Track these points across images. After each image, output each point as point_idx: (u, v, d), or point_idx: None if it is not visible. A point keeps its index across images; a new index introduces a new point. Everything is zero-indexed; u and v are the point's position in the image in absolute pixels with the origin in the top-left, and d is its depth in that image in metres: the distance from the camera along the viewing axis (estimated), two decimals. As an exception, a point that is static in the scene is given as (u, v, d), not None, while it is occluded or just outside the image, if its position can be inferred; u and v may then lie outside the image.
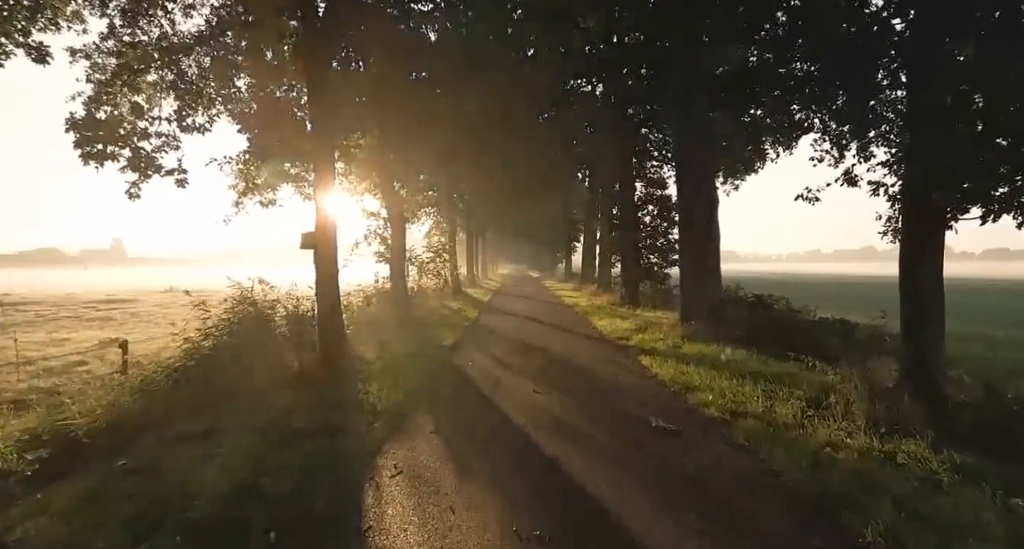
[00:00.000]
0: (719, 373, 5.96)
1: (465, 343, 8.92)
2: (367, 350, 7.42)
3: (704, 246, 8.86)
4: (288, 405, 4.95)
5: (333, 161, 6.55)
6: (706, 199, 8.88)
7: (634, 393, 5.51)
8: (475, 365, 7.00)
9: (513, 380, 6.12)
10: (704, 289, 8.84)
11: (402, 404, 5.01)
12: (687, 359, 6.88)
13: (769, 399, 4.84)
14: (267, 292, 6.88)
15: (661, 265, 15.73)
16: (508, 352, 8.01)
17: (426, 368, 6.64)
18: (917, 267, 4.07)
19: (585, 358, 7.49)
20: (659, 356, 7.28)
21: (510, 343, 8.92)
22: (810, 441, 3.82)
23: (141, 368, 6.13)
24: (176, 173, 7.03)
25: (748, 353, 7.03)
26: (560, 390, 5.60)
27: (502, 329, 10.79)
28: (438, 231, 26.55)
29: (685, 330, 8.56)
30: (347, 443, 3.95)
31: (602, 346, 8.67)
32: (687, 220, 9.04)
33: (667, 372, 6.28)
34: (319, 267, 6.62)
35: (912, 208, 4.05)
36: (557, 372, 6.60)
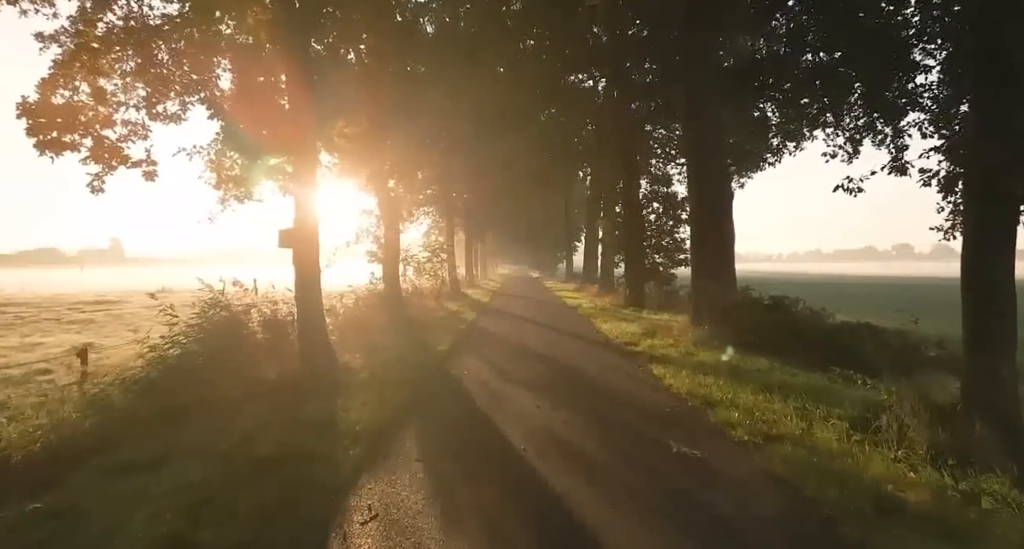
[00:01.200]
0: (741, 385, 5.36)
1: (461, 348, 8.32)
2: (354, 357, 6.82)
3: (717, 245, 8.27)
4: (258, 423, 4.36)
5: (315, 151, 5.96)
6: (719, 194, 8.28)
7: (647, 409, 4.91)
8: (471, 374, 6.41)
9: (512, 392, 5.52)
10: (717, 291, 8.24)
11: (386, 423, 4.41)
12: (703, 368, 6.28)
13: (805, 419, 4.24)
14: (243, 295, 6.28)
15: (667, 265, 15.16)
16: (507, 359, 7.41)
17: (417, 378, 6.05)
18: (984, 266, 3.47)
19: (590, 366, 6.90)
20: (671, 364, 6.68)
21: (509, 348, 8.33)
22: (864, 474, 3.22)
23: (102, 379, 5.54)
24: (145, 165, 6.43)
25: (770, 362, 6.43)
26: (565, 405, 5.00)
27: (501, 333, 10.20)
28: (437, 230, 26.00)
29: (697, 335, 7.96)
30: (316, 475, 3.35)
31: (608, 352, 8.07)
32: (699, 217, 8.45)
33: (682, 384, 5.68)
34: (299, 268, 6.02)
35: (979, 198, 3.44)
36: (560, 383, 6.00)
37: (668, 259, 15.17)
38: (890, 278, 54.34)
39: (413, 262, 15.53)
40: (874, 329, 7.50)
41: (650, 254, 15.22)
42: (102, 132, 6.19)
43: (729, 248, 8.28)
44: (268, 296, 6.80)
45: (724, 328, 7.83)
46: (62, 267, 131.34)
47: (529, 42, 16.57)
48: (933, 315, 15.76)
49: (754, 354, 6.91)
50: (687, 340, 8.04)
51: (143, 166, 6.43)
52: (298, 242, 6.01)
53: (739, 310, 8.09)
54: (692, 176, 8.54)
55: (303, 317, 6.03)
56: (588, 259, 24.93)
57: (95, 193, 6.27)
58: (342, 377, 5.88)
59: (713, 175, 8.26)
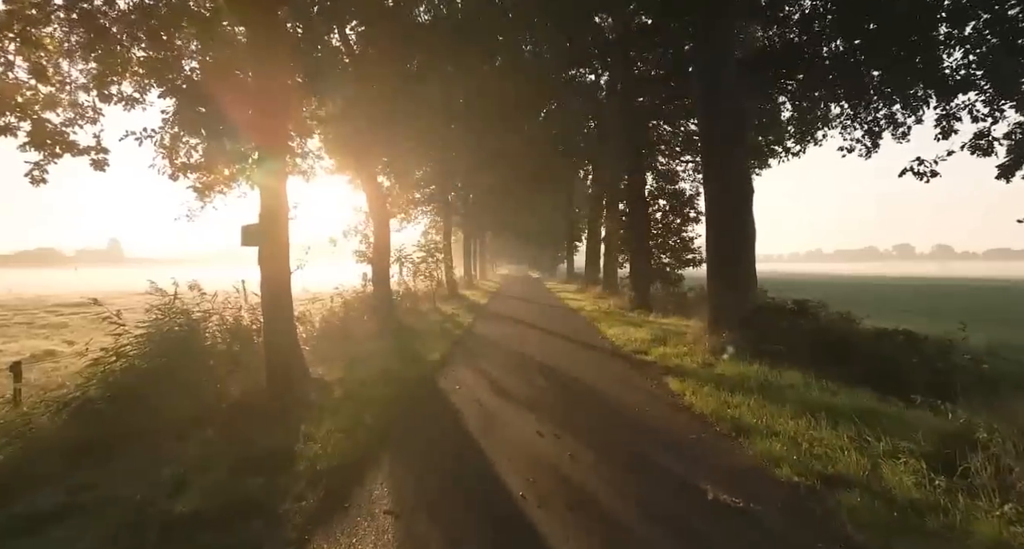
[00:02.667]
0: (776, 406, 4.59)
1: (454, 358, 7.56)
2: (330, 370, 6.06)
3: (736, 244, 7.51)
4: (199, 458, 3.60)
5: (285, 136, 5.22)
6: (738, 188, 7.52)
7: (669, 437, 4.15)
8: (463, 390, 5.64)
9: (510, 414, 4.76)
10: (736, 294, 7.47)
11: (355, 458, 3.65)
12: (726, 383, 5.52)
13: (865, 453, 3.47)
14: (203, 299, 5.53)
15: (674, 265, 14.40)
16: (505, 371, 6.65)
17: (400, 396, 5.28)
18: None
19: (598, 380, 6.13)
20: (689, 378, 5.91)
21: (508, 358, 7.56)
22: (969, 540, 2.46)
23: (44, 396, 4.77)
24: (93, 152, 5.67)
25: (802, 376, 5.65)
26: (571, 431, 4.24)
27: (499, 339, 9.43)
28: (434, 230, 25.24)
29: (715, 343, 7.20)
30: (249, 541, 2.59)
31: (616, 362, 7.31)
32: (716, 213, 7.68)
33: (706, 403, 4.92)
34: (266, 269, 5.26)
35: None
36: (565, 401, 5.24)
37: (675, 259, 14.41)
38: (896, 279, 53.61)
39: (407, 262, 14.77)
40: (913, 337, 6.74)
41: (656, 254, 14.46)
42: (43, 115, 5.45)
43: (750, 248, 7.52)
44: (234, 300, 6.04)
45: (745, 335, 7.07)
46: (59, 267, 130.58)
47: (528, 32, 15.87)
48: (959, 320, 14.97)
49: (782, 366, 6.15)
50: (703, 348, 7.27)
51: (91, 154, 5.66)
52: (264, 239, 5.25)
53: (761, 316, 7.33)
54: (709, 169, 7.78)
55: (270, 326, 5.26)
56: (590, 259, 24.15)
57: (35, 184, 5.50)
58: (313, 395, 5.12)
59: (732, 168, 7.49)
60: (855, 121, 13.33)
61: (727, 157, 7.51)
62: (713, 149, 7.73)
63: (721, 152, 7.58)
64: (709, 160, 7.77)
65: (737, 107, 7.59)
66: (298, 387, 5.26)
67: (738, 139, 7.68)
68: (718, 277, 7.65)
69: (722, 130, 7.52)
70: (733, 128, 7.58)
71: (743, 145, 7.85)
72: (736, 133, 7.64)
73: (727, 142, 7.54)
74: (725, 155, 7.50)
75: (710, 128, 7.66)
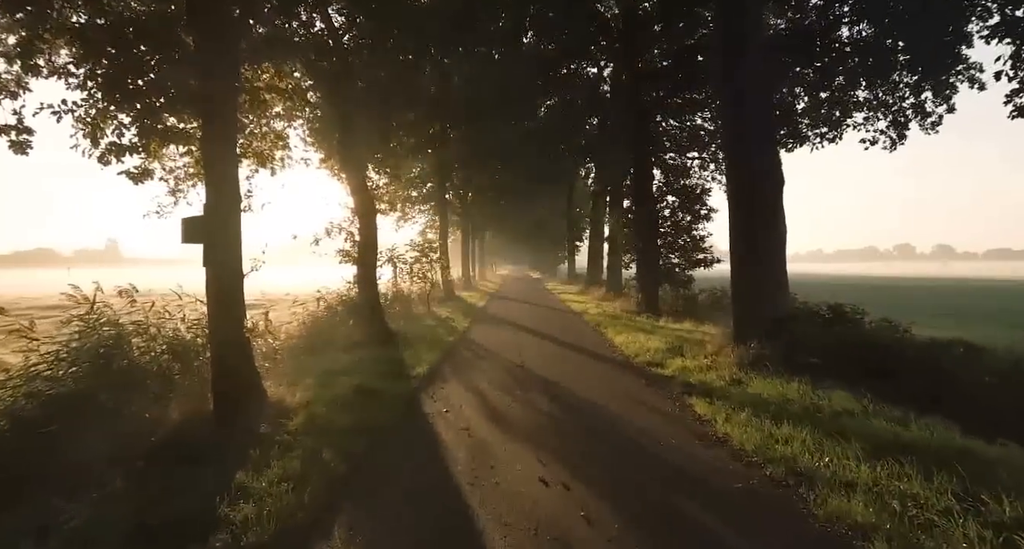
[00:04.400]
0: (837, 442, 3.69)
1: (445, 372, 6.66)
2: (295, 390, 5.14)
3: (764, 242, 6.61)
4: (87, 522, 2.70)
5: (233, 109, 4.32)
6: (767, 178, 6.63)
7: (708, 485, 3.25)
8: (452, 415, 4.74)
9: (506, 450, 3.86)
10: (765, 299, 6.58)
11: (299, 523, 2.76)
12: (764, 407, 4.62)
13: (985, 523, 2.57)
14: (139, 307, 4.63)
15: (683, 266, 13.47)
16: (502, 388, 5.75)
17: (374, 424, 4.38)
18: None
19: (610, 401, 5.24)
20: (718, 399, 5.01)
21: (505, 371, 6.67)
22: None
23: None
24: (13, 133, 4.77)
25: (853, 397, 4.76)
26: (582, 477, 3.35)
27: (497, 347, 8.53)
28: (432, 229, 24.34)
29: (742, 354, 6.30)
30: None
31: (629, 377, 6.41)
32: (741, 207, 6.79)
33: (746, 434, 4.02)
34: (212, 270, 4.36)
35: None
36: (573, 431, 4.34)
37: (685, 259, 13.48)
38: (902, 279, 52.72)
39: (399, 263, 13.86)
40: (973, 348, 5.85)
41: (665, 254, 13.54)
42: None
43: (780, 247, 6.63)
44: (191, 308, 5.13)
45: (776, 346, 6.18)
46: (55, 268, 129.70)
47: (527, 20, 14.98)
48: (988, 322, 14.12)
49: (823, 383, 5.26)
50: (728, 361, 6.38)
51: (11, 134, 4.77)
52: (210, 235, 4.35)
53: (795, 323, 6.43)
54: (733, 158, 6.89)
55: (218, 338, 4.37)
56: (592, 259, 23.26)
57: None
58: (268, 423, 4.22)
59: (760, 156, 6.59)
60: (879, 111, 12.52)
61: (753, 143, 6.61)
62: (737, 135, 6.83)
63: (746, 138, 6.68)
64: (733, 148, 6.87)
65: (766, 87, 6.71)
66: (252, 412, 4.37)
67: (765, 123, 6.79)
68: (744, 280, 6.76)
69: (748, 114, 6.62)
70: (760, 111, 6.69)
71: (771, 132, 6.96)
72: (763, 117, 6.75)
73: (753, 128, 6.65)
74: (751, 141, 6.61)
75: (735, 113, 6.76)
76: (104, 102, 4.23)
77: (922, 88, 11.23)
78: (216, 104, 4.17)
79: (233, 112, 4.32)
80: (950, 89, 11.01)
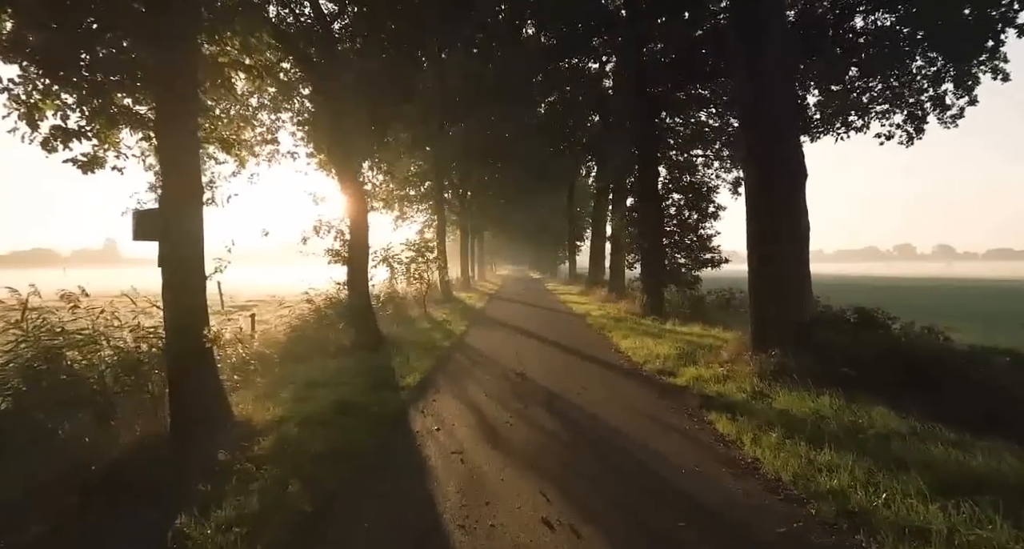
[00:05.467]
0: (892, 472, 3.15)
1: (438, 381, 6.12)
2: (269, 405, 4.60)
3: (786, 240, 6.07)
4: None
5: (191, 86, 3.79)
6: (788, 171, 6.09)
7: (745, 530, 2.71)
8: (443, 435, 4.21)
9: (505, 482, 3.32)
10: (787, 303, 6.04)
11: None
12: (798, 426, 4.08)
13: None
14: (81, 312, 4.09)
15: (690, 266, 12.92)
16: (500, 402, 5.21)
17: (352, 448, 3.84)
18: None
19: (620, 417, 4.70)
20: (743, 415, 4.47)
21: (504, 382, 6.12)
22: None
23: None
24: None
25: (895, 415, 4.22)
26: (594, 516, 2.81)
27: (495, 353, 7.99)
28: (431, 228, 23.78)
29: (764, 363, 5.76)
30: None
31: (639, 388, 5.87)
32: (759, 203, 6.25)
33: (780, 460, 3.48)
34: (168, 271, 3.83)
35: None
36: (580, 455, 3.80)
37: (692, 259, 12.93)
38: (907, 279, 52.19)
39: (395, 263, 13.30)
40: (1019, 356, 5.31)
41: (670, 253, 12.99)
42: None
43: (803, 244, 6.08)
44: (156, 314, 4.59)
45: (801, 354, 5.64)
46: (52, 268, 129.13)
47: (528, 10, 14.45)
48: (1011, 325, 13.53)
49: (857, 396, 4.72)
50: (748, 370, 5.83)
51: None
52: (166, 232, 3.81)
53: (822, 329, 5.89)
54: (751, 150, 6.34)
55: (176, 348, 3.83)
56: (594, 259, 22.70)
57: None
58: (230, 448, 3.67)
59: (781, 146, 6.05)
60: (895, 105, 11.97)
61: (775, 133, 6.07)
62: (756, 124, 6.29)
63: (766, 127, 6.14)
64: (752, 137, 6.33)
65: (789, 68, 6.18)
66: (213, 434, 3.83)
67: (788, 111, 6.25)
68: (763, 281, 6.22)
69: (769, 100, 6.09)
70: (782, 97, 6.15)
71: (793, 118, 6.42)
72: (786, 104, 6.22)
73: (775, 115, 6.11)
74: (772, 130, 6.07)
75: (754, 99, 6.22)
76: (43, 79, 3.69)
77: (942, 79, 10.70)
78: (170, 80, 3.63)
79: (191, 89, 3.79)
80: (972, 80, 10.49)
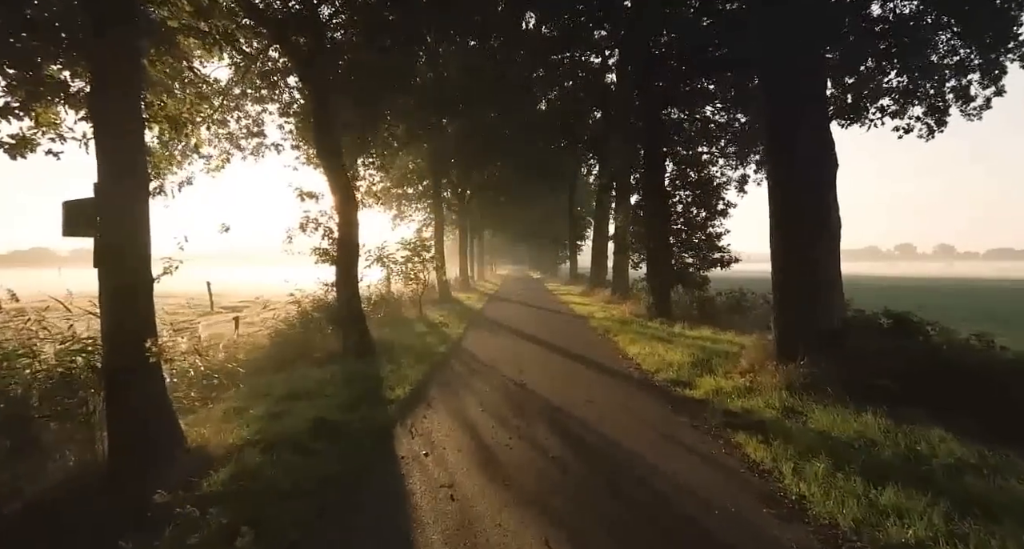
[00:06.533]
0: (979, 521, 2.57)
1: (430, 395, 5.53)
2: (233, 425, 4.01)
3: (815, 237, 5.50)
4: None
5: (132, 55, 3.21)
6: (816, 161, 5.52)
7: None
8: (432, 462, 3.62)
9: (503, 524, 2.74)
10: (816, 306, 5.47)
11: None
12: (843, 452, 3.50)
13: None
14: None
15: (698, 266, 12.34)
16: (498, 419, 4.63)
17: (326, 479, 3.26)
18: None
19: (635, 437, 4.12)
20: (776, 438, 3.89)
21: (503, 394, 5.54)
22: None
23: None
24: None
25: (953, 438, 3.65)
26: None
27: (494, 360, 7.41)
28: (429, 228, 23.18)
29: (791, 375, 5.18)
30: None
31: (652, 401, 5.28)
32: (785, 196, 5.68)
33: (832, 498, 2.90)
34: (106, 273, 3.25)
35: None
36: (592, 490, 3.21)
37: (700, 259, 12.34)
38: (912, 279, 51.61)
39: (389, 262, 12.71)
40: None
41: (678, 252, 12.41)
42: None
43: (833, 244, 5.51)
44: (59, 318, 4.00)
45: (834, 364, 5.06)
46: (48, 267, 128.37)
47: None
48: (1011, 325, 13.08)
49: (907, 416, 4.15)
50: (773, 381, 5.25)
51: None
52: (103, 226, 3.23)
53: (855, 335, 5.31)
54: (775, 139, 5.77)
55: (114, 363, 3.24)
56: (596, 259, 22.10)
57: None
58: (178, 482, 3.08)
59: (809, 134, 5.47)
60: (914, 97, 11.38)
61: (802, 113, 5.49)
62: (781, 110, 5.71)
63: (792, 113, 5.56)
64: (776, 124, 5.74)
65: (817, 46, 5.59)
66: (164, 464, 3.25)
67: (816, 94, 5.67)
68: (790, 282, 5.64)
69: (795, 76, 5.51)
70: (809, 79, 5.57)
71: (822, 102, 5.83)
72: (813, 86, 5.64)
73: (801, 100, 5.53)
74: (799, 110, 5.49)
75: (779, 83, 5.64)
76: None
77: (967, 68, 10.12)
78: (108, 47, 3.05)
79: (133, 56, 3.21)
80: (999, 69, 9.91)
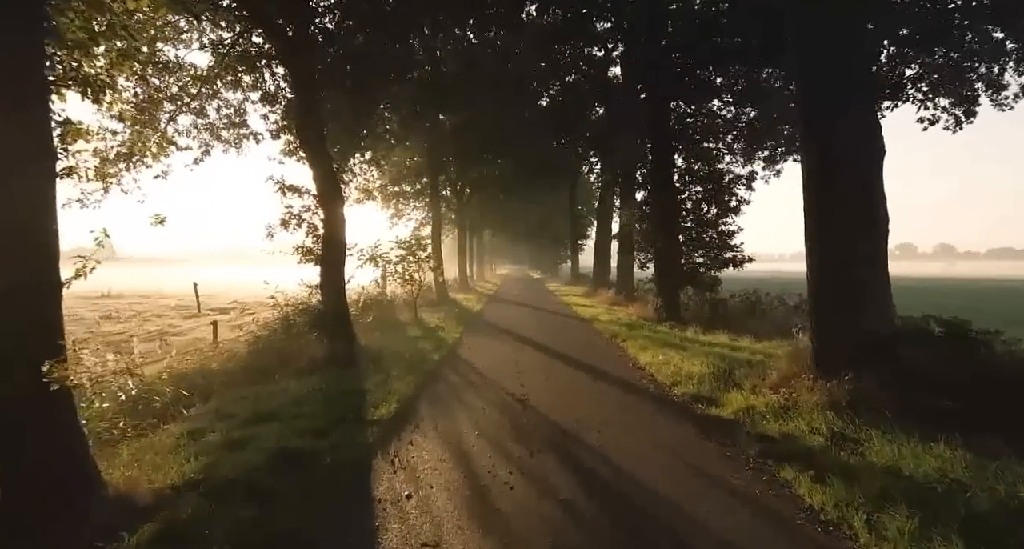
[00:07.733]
0: None
1: (419, 414, 4.85)
2: (174, 460, 3.33)
3: (860, 233, 4.81)
4: None
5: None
6: (860, 147, 4.83)
7: None
8: (415, 507, 2.94)
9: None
10: (862, 311, 4.78)
11: None
12: (926, 497, 2.82)
13: None
14: None
15: (709, 266, 11.66)
16: (497, 447, 3.94)
17: (278, 537, 2.57)
18: None
19: (660, 470, 3.43)
20: (831, 473, 3.20)
21: (503, 413, 4.85)
22: None
23: None
24: None
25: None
26: None
27: (492, 370, 6.72)
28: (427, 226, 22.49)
29: (832, 391, 4.49)
30: None
31: (675, 422, 4.59)
32: (822, 189, 4.99)
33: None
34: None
35: None
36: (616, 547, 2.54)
37: (711, 259, 11.67)
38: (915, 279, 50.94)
39: (383, 262, 12.03)
40: None
41: (687, 251, 11.73)
42: None
43: (882, 239, 4.82)
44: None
45: (884, 378, 4.38)
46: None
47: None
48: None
49: (986, 446, 3.46)
50: (814, 399, 4.56)
51: None
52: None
53: (905, 346, 4.63)
54: (812, 123, 5.08)
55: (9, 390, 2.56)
56: (599, 259, 21.41)
57: None
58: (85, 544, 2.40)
59: (846, 122, 4.79)
60: (940, 88, 10.69)
61: (846, 97, 4.80)
62: (818, 90, 5.02)
63: (832, 93, 4.88)
64: (812, 106, 5.05)
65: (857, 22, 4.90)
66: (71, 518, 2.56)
67: (860, 73, 4.98)
68: (830, 285, 4.95)
69: (836, 48, 4.82)
70: (850, 56, 4.88)
71: (869, 81, 5.15)
72: (855, 64, 4.94)
73: (842, 79, 4.85)
74: (845, 93, 4.80)
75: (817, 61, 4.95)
76: None
77: (1003, 56, 9.43)
78: None
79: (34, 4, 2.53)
80: (1040, 58, 9.23)
